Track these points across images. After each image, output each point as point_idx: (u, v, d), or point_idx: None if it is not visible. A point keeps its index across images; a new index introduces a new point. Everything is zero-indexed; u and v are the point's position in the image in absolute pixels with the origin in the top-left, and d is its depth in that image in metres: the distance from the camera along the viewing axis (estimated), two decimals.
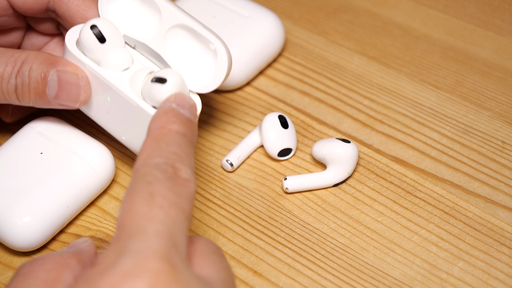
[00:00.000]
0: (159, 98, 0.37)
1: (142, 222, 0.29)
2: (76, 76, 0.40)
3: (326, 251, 0.40)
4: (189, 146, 0.33)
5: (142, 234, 0.29)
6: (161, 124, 0.34)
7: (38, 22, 0.45)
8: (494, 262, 0.39)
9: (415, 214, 0.42)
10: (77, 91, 0.40)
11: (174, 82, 0.37)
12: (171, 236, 0.29)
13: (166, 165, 0.31)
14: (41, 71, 0.39)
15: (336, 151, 0.42)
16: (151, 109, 0.38)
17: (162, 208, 0.30)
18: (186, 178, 0.32)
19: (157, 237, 0.29)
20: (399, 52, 0.51)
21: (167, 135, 0.33)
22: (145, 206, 0.30)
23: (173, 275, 0.28)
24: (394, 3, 0.55)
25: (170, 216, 0.30)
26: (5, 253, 0.41)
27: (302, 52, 0.51)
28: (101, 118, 0.41)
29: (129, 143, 0.41)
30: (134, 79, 0.39)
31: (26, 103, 0.40)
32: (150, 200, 0.30)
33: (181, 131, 0.33)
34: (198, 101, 0.40)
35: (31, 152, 0.41)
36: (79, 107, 0.41)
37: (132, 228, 0.29)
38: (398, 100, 0.48)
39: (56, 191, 0.40)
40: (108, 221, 0.42)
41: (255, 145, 0.45)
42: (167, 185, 0.31)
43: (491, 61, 0.50)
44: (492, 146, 0.45)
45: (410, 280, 0.39)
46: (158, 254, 0.28)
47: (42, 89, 0.40)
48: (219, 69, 0.40)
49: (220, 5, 0.49)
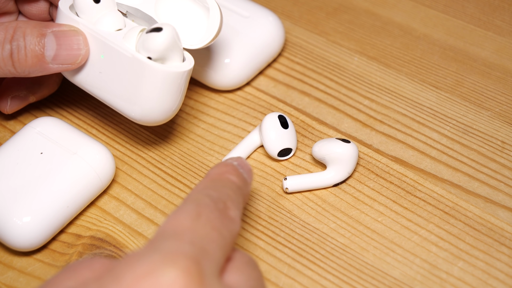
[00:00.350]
0: (155, 46, 0.38)
1: (181, 230, 0.30)
2: (74, 31, 0.40)
3: (326, 251, 0.40)
4: (241, 198, 0.34)
5: (178, 239, 0.29)
6: (221, 171, 0.35)
7: (29, 5, 0.45)
8: (494, 262, 0.39)
9: (415, 214, 0.42)
10: (77, 45, 0.40)
11: (169, 31, 0.38)
12: (206, 250, 0.30)
13: (218, 199, 0.33)
14: (36, 33, 0.39)
15: (336, 151, 0.42)
16: (146, 59, 0.39)
17: (205, 227, 0.31)
18: (233, 217, 0.33)
19: (191, 245, 0.29)
20: (399, 52, 0.51)
21: (225, 180, 0.34)
22: (189, 221, 0.31)
23: (198, 277, 0.28)
24: (394, 3, 0.55)
25: (210, 236, 0.30)
26: (5, 253, 0.41)
27: (302, 52, 0.51)
28: (92, 81, 0.41)
29: (120, 103, 0.41)
30: (128, 35, 0.40)
31: (22, 70, 0.40)
32: (196, 218, 0.31)
33: (237, 182, 0.35)
34: (191, 59, 0.41)
35: (31, 152, 0.41)
36: (79, 64, 0.40)
37: (170, 233, 0.30)
38: (398, 100, 0.48)
39: (56, 191, 0.40)
40: (108, 221, 0.42)
41: (255, 145, 0.45)
42: (215, 213, 0.32)
43: (491, 61, 0.50)
44: (492, 146, 0.45)
45: (410, 280, 0.39)
46: (189, 256, 0.29)
47: (40, 51, 0.39)
48: (211, 25, 0.41)
49: (220, 5, 0.49)
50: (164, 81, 0.39)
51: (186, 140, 0.46)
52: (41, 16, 0.46)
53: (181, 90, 0.40)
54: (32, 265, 0.40)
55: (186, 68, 0.40)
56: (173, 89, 0.40)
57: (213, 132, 0.47)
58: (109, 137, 0.47)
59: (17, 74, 0.40)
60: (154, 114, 0.40)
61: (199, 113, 0.48)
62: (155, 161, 0.45)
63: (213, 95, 0.49)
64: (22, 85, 0.45)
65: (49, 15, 0.46)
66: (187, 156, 0.45)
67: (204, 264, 0.29)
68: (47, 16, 0.46)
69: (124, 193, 0.44)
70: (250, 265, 0.33)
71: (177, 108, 0.41)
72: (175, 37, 0.38)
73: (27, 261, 0.41)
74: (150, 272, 0.28)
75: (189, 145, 0.46)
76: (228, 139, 0.46)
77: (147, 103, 0.40)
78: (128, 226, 0.42)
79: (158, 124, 0.41)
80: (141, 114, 0.40)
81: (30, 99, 0.46)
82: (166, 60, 0.39)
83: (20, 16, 0.46)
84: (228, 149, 0.45)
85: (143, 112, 0.40)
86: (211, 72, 0.47)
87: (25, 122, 0.47)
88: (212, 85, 0.48)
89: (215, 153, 0.45)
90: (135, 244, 0.41)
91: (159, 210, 0.43)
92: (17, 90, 0.45)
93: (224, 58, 0.47)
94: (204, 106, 0.48)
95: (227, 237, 0.31)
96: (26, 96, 0.46)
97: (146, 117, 0.40)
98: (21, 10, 0.46)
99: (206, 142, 0.46)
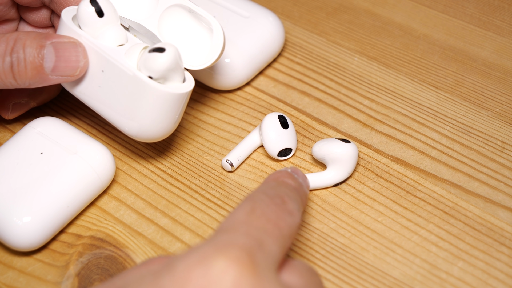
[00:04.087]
0: (156, 66, 0.38)
1: (236, 224, 0.30)
2: (73, 43, 0.40)
3: (326, 251, 0.40)
4: (298, 198, 0.34)
5: (232, 231, 0.30)
6: (276, 176, 0.35)
7: (30, 12, 0.45)
8: (494, 262, 0.39)
9: (415, 214, 0.42)
10: (76, 57, 0.40)
11: (171, 52, 0.38)
12: (261, 242, 0.29)
13: (275, 195, 0.33)
14: (36, 45, 0.39)
15: (336, 151, 0.42)
16: (147, 78, 0.38)
17: (259, 219, 0.31)
18: (292, 210, 0.32)
19: (245, 236, 0.29)
20: (399, 52, 0.51)
21: (281, 183, 0.35)
22: (244, 215, 0.31)
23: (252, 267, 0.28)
24: (394, 3, 0.55)
25: (266, 228, 0.30)
26: (5, 253, 0.41)
27: (302, 52, 0.51)
28: (91, 94, 0.41)
29: (118, 119, 0.41)
30: (130, 52, 0.40)
31: (23, 82, 0.40)
32: (250, 212, 0.31)
33: (293, 184, 0.35)
34: (191, 80, 0.41)
35: (31, 152, 0.41)
36: (78, 76, 0.40)
37: (226, 227, 0.30)
38: (398, 100, 0.48)
39: (56, 191, 0.40)
40: (108, 221, 0.42)
41: (255, 145, 0.45)
42: (271, 207, 0.32)
43: (490, 61, 0.50)
44: (491, 146, 0.45)
45: (410, 280, 0.39)
46: (241, 246, 0.28)
47: (39, 62, 0.39)
48: (214, 47, 0.41)
49: (220, 5, 0.49)
50: (163, 102, 0.39)
51: (186, 140, 0.46)
52: (43, 23, 0.46)
53: (179, 111, 0.40)
54: (32, 265, 0.40)
55: (186, 90, 0.40)
56: (172, 110, 0.40)
57: (213, 132, 0.47)
58: (109, 137, 0.47)
59: (18, 86, 0.40)
60: (150, 132, 0.40)
61: (199, 113, 0.48)
62: (155, 161, 0.45)
63: (213, 95, 0.49)
64: (23, 92, 0.45)
65: (50, 22, 0.46)
66: (187, 156, 0.45)
67: (258, 255, 0.28)
68: (49, 23, 0.46)
69: (124, 193, 0.44)
70: (311, 271, 0.32)
71: (174, 127, 0.41)
72: (177, 58, 0.38)
73: (27, 261, 0.41)
74: (201, 261, 0.28)
75: (189, 145, 0.46)
76: (228, 139, 0.46)
77: (145, 121, 0.40)
78: (128, 226, 0.42)
79: (154, 141, 0.41)
80: (138, 131, 0.40)
81: (31, 105, 0.46)
82: (167, 80, 0.39)
83: (21, 23, 0.46)
84: (228, 149, 0.45)
85: (140, 129, 0.40)
86: (211, 72, 0.47)
87: (25, 122, 0.47)
88: (212, 85, 0.48)
89: (215, 153, 0.45)
90: (135, 244, 0.41)
91: (159, 210, 0.43)
92: (18, 97, 0.45)
93: (224, 58, 0.47)
94: (204, 106, 0.48)
95: (284, 229, 0.31)
96: (27, 102, 0.46)
97: (143, 134, 0.40)
98: (23, 17, 0.46)
99: (206, 142, 0.46)
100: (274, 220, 0.31)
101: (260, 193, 0.33)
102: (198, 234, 0.41)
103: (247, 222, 0.30)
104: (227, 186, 0.44)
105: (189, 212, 0.42)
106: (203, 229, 0.42)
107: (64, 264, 0.40)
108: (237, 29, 0.48)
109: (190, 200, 0.43)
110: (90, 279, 0.39)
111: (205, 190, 0.43)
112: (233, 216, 0.31)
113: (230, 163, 0.44)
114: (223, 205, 0.43)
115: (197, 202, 0.43)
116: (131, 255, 0.40)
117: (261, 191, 0.33)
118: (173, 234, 0.41)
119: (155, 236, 0.41)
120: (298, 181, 0.35)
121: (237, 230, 0.30)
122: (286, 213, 0.32)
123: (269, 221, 0.31)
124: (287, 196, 0.33)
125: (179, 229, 0.42)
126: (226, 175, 0.44)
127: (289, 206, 0.32)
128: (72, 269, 0.40)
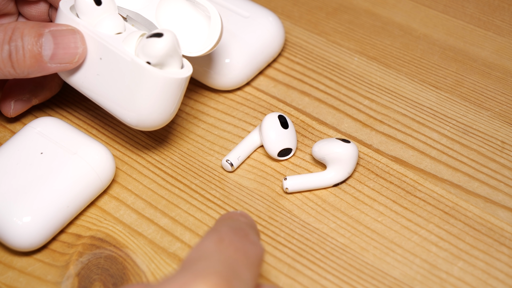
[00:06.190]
0: (155, 51, 0.38)
1: (208, 253, 0.31)
2: (71, 30, 0.40)
3: (326, 251, 0.40)
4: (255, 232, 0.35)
5: (206, 260, 0.30)
6: (229, 215, 0.36)
7: (29, 7, 0.45)
8: (494, 262, 0.39)
9: (415, 214, 0.42)
10: (74, 43, 0.40)
11: (169, 37, 0.38)
12: (234, 269, 0.30)
13: (236, 227, 0.33)
14: (34, 33, 0.39)
15: (336, 151, 0.42)
16: (145, 64, 0.38)
17: (228, 249, 0.31)
18: (254, 241, 0.33)
19: (221, 264, 0.30)
20: (399, 52, 0.51)
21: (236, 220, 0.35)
22: (213, 245, 0.31)
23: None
24: (394, 3, 0.55)
25: (236, 257, 0.31)
26: (5, 253, 0.41)
27: (302, 52, 0.51)
28: (89, 83, 0.41)
29: (116, 107, 0.41)
30: (128, 39, 0.40)
31: (21, 71, 0.40)
32: (218, 242, 0.31)
33: (247, 221, 0.35)
34: (189, 66, 0.41)
35: (31, 152, 0.41)
36: (77, 63, 0.40)
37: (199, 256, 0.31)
38: (398, 100, 0.48)
39: (56, 191, 0.40)
40: (108, 221, 0.42)
41: (255, 145, 0.45)
42: (237, 237, 0.32)
43: (490, 61, 0.50)
44: (491, 146, 0.45)
45: (410, 279, 0.39)
46: (219, 273, 0.29)
47: (37, 51, 0.39)
48: (212, 33, 0.41)
49: (220, 5, 0.49)
50: (162, 87, 0.39)
51: (186, 140, 0.46)
52: (41, 17, 0.46)
53: (178, 97, 0.40)
54: (32, 265, 0.40)
55: (184, 75, 0.40)
56: (171, 95, 0.40)
57: (213, 132, 0.47)
58: (109, 137, 0.47)
59: (16, 75, 0.40)
60: (149, 119, 0.40)
61: (199, 113, 0.48)
62: (155, 161, 0.45)
63: (213, 95, 0.49)
64: (25, 89, 0.45)
65: (48, 17, 0.46)
66: (187, 156, 0.45)
67: (234, 282, 0.29)
68: (47, 18, 0.46)
69: (124, 193, 0.44)
70: None
71: (173, 114, 0.41)
72: (175, 43, 0.38)
73: (27, 261, 0.41)
74: None
75: (189, 145, 0.46)
76: (228, 139, 0.46)
77: (144, 108, 0.40)
78: (128, 226, 0.42)
79: (152, 129, 0.41)
80: (137, 118, 0.40)
81: (33, 102, 0.46)
82: (165, 66, 0.39)
83: (20, 17, 0.46)
84: (228, 149, 0.45)
85: (138, 116, 0.40)
86: (211, 72, 0.47)
87: (26, 122, 0.47)
88: (212, 85, 0.48)
89: (215, 153, 0.45)
90: (135, 244, 0.41)
91: (159, 210, 0.43)
92: (20, 94, 0.45)
93: (224, 58, 0.47)
94: (204, 106, 0.48)
95: (252, 258, 0.32)
96: (29, 99, 0.46)
97: (142, 121, 0.40)
98: (21, 11, 0.46)
99: (206, 142, 0.46)
100: (242, 249, 0.32)
101: (222, 226, 0.33)
102: (198, 234, 0.41)
103: (218, 251, 0.31)
104: (227, 186, 0.44)
105: (189, 212, 0.42)
106: (203, 229, 0.42)
107: (64, 264, 0.40)
108: (237, 29, 0.48)
109: (190, 200, 0.43)
110: (90, 279, 0.39)
111: (205, 190, 0.43)
112: (202, 245, 0.31)
113: (230, 163, 0.44)
114: (223, 205, 0.43)
115: (197, 202, 0.43)
116: (131, 255, 0.40)
117: (223, 225, 0.33)
118: (173, 234, 0.41)
119: (155, 236, 0.41)
120: (250, 218, 0.36)
121: (211, 258, 0.30)
122: (251, 243, 0.33)
123: (238, 250, 0.31)
124: (248, 229, 0.34)
125: (179, 229, 0.42)
126: (226, 175, 0.44)
127: (251, 237, 0.33)
128: (72, 269, 0.40)
